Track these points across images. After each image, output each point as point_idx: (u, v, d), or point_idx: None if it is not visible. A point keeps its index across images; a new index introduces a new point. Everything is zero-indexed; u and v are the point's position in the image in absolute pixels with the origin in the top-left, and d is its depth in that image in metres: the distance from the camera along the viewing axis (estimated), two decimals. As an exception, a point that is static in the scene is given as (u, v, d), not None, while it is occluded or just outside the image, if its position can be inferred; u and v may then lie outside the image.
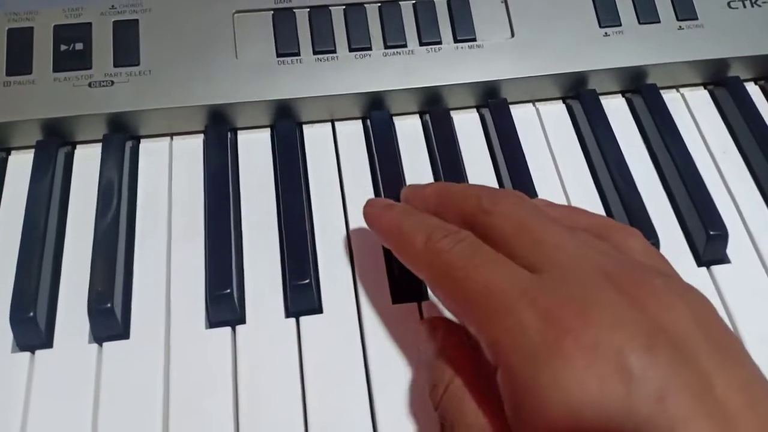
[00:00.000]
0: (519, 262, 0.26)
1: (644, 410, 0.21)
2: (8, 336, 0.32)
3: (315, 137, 0.40)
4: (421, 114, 0.42)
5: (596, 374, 0.21)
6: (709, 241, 0.36)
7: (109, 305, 0.32)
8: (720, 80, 0.44)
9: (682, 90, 0.44)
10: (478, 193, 0.30)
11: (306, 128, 0.41)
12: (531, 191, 0.37)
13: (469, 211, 0.29)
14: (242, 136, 0.40)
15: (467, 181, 0.38)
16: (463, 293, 0.26)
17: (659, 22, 0.43)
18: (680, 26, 0.43)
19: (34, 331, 0.32)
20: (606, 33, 0.42)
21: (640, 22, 0.43)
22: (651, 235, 0.36)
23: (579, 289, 0.24)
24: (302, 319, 0.33)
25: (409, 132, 0.41)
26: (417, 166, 0.39)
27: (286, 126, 0.40)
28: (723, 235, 0.36)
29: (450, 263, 0.27)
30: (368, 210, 0.34)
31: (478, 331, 0.25)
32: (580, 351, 0.22)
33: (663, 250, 0.36)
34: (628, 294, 0.24)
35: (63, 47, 0.38)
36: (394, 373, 0.32)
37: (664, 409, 0.21)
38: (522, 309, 0.24)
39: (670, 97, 0.43)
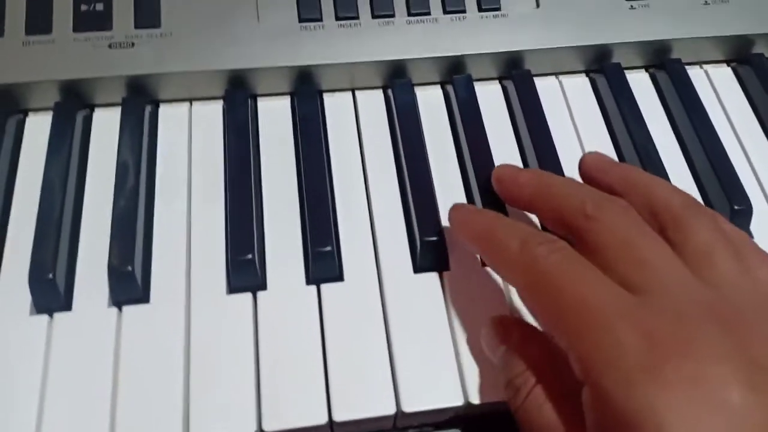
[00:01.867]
0: (616, 279, 0.25)
1: None
2: (27, 298, 0.32)
3: (335, 105, 0.40)
4: (443, 84, 0.41)
5: (696, 406, 0.21)
6: (733, 215, 0.36)
7: (129, 268, 0.31)
8: (744, 57, 0.43)
9: (705, 66, 0.44)
10: (582, 194, 0.28)
11: (326, 96, 0.40)
12: (555, 165, 0.37)
13: (569, 212, 0.28)
14: (262, 103, 0.40)
15: (490, 152, 0.37)
16: (558, 304, 0.25)
17: (686, -4, 0.42)
18: (706, 1, 0.42)
19: (52, 293, 0.31)
20: (632, 6, 0.41)
21: (666, -4, 0.42)
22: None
23: (682, 318, 0.23)
24: (323, 286, 0.33)
25: (431, 102, 0.40)
26: (438, 136, 0.39)
27: (307, 93, 0.39)
28: (747, 210, 0.36)
29: (547, 272, 0.26)
30: (455, 215, 0.32)
31: (570, 345, 0.25)
32: (680, 380, 0.21)
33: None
34: (732, 333, 0.23)
35: (83, 7, 0.37)
36: (415, 341, 0.31)
37: None
38: (621, 328, 0.23)
39: (693, 73, 0.42)
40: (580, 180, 0.33)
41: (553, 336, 0.27)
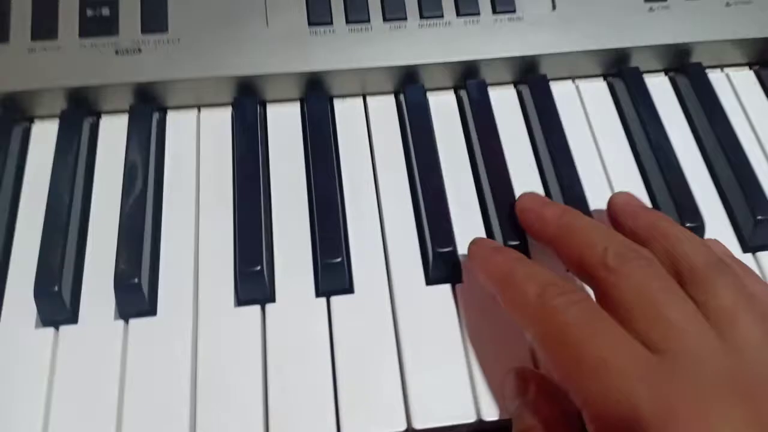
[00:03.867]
0: (636, 335, 0.25)
1: None
2: (32, 311, 0.31)
3: (346, 112, 0.39)
4: (456, 89, 0.40)
5: None
6: (756, 225, 0.35)
7: (136, 280, 0.31)
8: (766, 60, 0.42)
9: (726, 70, 0.43)
10: (605, 242, 0.28)
11: (337, 102, 0.39)
12: (571, 172, 0.36)
13: (590, 261, 0.27)
14: (271, 110, 0.39)
15: (505, 160, 0.36)
16: (574, 361, 0.25)
17: (706, -3, 0.41)
18: (728, 3, 0.41)
19: (58, 305, 0.31)
20: (651, 8, 0.40)
21: (686, -3, 0.41)
22: (696, 219, 0.34)
23: (702, 387, 0.23)
24: (333, 298, 0.32)
25: (444, 108, 0.39)
26: (451, 142, 0.38)
27: (317, 99, 0.38)
28: (771, 220, 0.35)
29: (564, 325, 0.25)
30: (475, 250, 0.31)
31: (585, 403, 0.24)
32: None
33: (708, 235, 0.35)
34: (751, 404, 0.22)
35: (90, 12, 0.36)
36: (427, 355, 0.31)
37: None
38: (639, 395, 0.23)
39: (714, 77, 0.41)
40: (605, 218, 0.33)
41: (565, 389, 0.26)
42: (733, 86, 0.42)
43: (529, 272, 0.28)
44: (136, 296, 0.31)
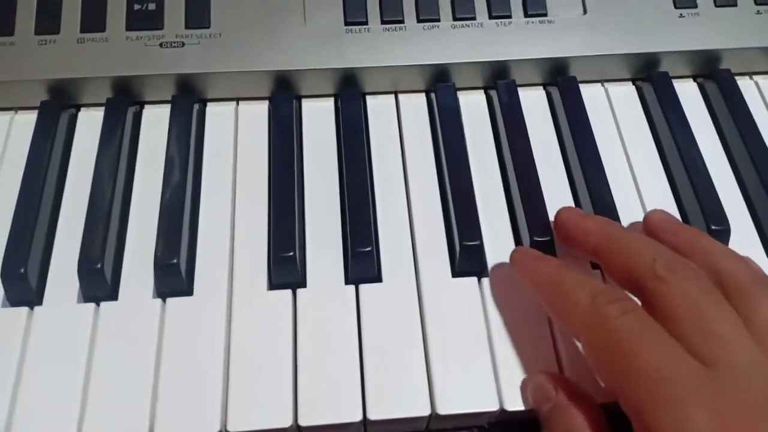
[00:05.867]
0: (685, 346, 0.25)
1: None
2: (75, 286, 0.33)
3: (378, 108, 0.40)
4: (486, 89, 0.41)
5: None
6: (782, 232, 0.35)
7: (175, 261, 0.32)
8: (796, 69, 0.42)
9: (756, 77, 0.43)
10: (653, 253, 0.28)
11: (369, 99, 0.40)
12: (600, 174, 0.36)
13: (638, 271, 0.28)
14: (306, 104, 0.40)
15: (533, 159, 0.37)
16: (627, 370, 0.25)
17: (736, 5, 0.42)
18: (758, 11, 0.42)
19: (100, 282, 0.32)
20: (681, 14, 0.41)
21: (716, 5, 0.41)
22: (722, 223, 0.35)
23: (753, 399, 0.23)
24: (362, 286, 0.33)
25: (473, 107, 0.40)
26: (480, 140, 0.39)
27: (351, 95, 0.39)
28: (798, 227, 0.35)
29: (617, 333, 0.26)
30: (519, 258, 0.32)
31: (636, 411, 0.25)
32: None
33: (732, 240, 0.35)
34: None
35: (136, 6, 0.38)
36: (452, 344, 0.31)
37: None
38: (693, 405, 0.23)
39: (743, 84, 0.42)
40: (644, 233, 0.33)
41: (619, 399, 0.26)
42: (762, 94, 0.42)
43: (579, 279, 0.28)
44: (174, 276, 0.32)
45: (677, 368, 0.24)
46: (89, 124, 0.38)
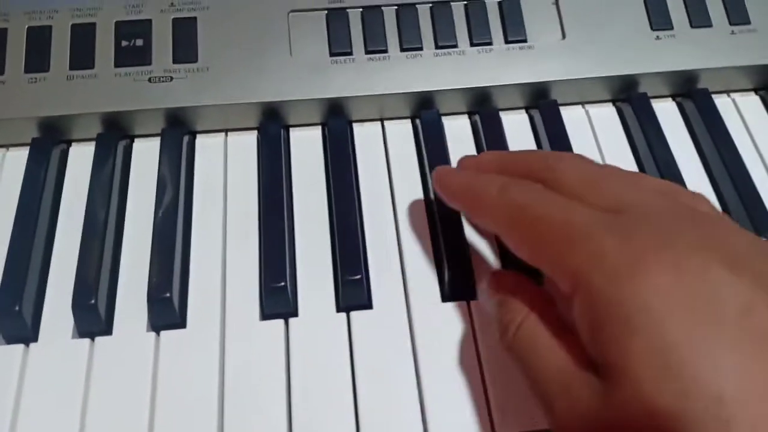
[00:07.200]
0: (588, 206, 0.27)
1: (730, 325, 0.21)
2: (70, 321, 0.33)
3: (365, 135, 0.41)
4: (470, 114, 0.42)
5: (680, 290, 0.22)
6: (761, 247, 0.36)
7: (168, 294, 0.33)
8: (773, 86, 0.44)
9: (733, 95, 0.44)
10: (541, 154, 0.32)
11: (356, 126, 0.41)
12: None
13: (535, 169, 0.30)
14: (294, 134, 0.41)
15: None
16: (539, 231, 0.27)
17: (711, 26, 0.43)
18: (733, 30, 0.43)
19: (94, 317, 0.33)
20: (658, 36, 0.42)
21: (692, 26, 0.42)
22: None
23: (656, 221, 0.25)
24: (353, 313, 0.34)
25: (458, 132, 0.41)
26: (465, 165, 0.40)
27: (338, 124, 0.40)
28: (776, 242, 0.36)
29: (527, 205, 0.28)
30: (437, 175, 0.34)
31: (555, 264, 0.26)
32: (662, 268, 0.23)
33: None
34: (705, 229, 0.25)
35: (124, 42, 0.39)
36: (444, 370, 0.32)
37: (750, 324, 0.21)
38: (602, 234, 0.25)
39: (721, 102, 0.43)
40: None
41: (536, 265, 0.28)
42: (739, 111, 0.43)
43: (487, 178, 0.31)
44: (168, 309, 0.33)
45: (583, 215, 0.26)
46: (80, 159, 0.39)
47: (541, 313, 0.28)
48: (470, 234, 0.36)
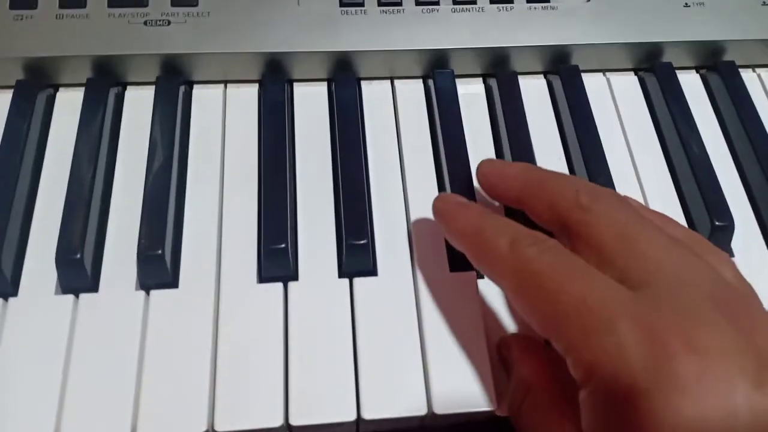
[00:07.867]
0: (614, 274, 0.24)
1: None
2: (52, 277, 0.31)
3: (373, 94, 0.39)
4: (484, 78, 0.40)
5: (701, 407, 0.20)
6: (784, 226, 0.34)
7: (159, 251, 0.30)
8: (800, 62, 0.42)
9: (759, 70, 0.42)
10: (574, 186, 0.27)
11: (364, 84, 0.39)
12: (602, 165, 0.35)
13: (563, 204, 0.27)
14: (298, 89, 0.38)
15: (532, 149, 0.36)
16: (554, 306, 0.24)
17: (742, -4, 0.41)
18: (764, 2, 0.41)
19: (79, 273, 0.31)
20: (686, 3, 0.40)
21: (722, -5, 0.40)
22: (726, 218, 0.34)
23: (684, 311, 0.22)
24: (356, 280, 0.32)
25: (472, 95, 0.39)
26: (478, 129, 0.38)
27: (345, 81, 0.38)
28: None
29: (540, 272, 0.25)
30: (440, 206, 0.31)
31: (569, 348, 0.23)
32: (685, 380, 0.21)
33: (736, 233, 0.34)
34: (734, 321, 0.22)
35: (119, -19, 0.36)
36: (449, 340, 0.30)
37: None
38: (624, 328, 0.22)
39: (746, 77, 0.41)
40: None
41: (547, 338, 0.25)
42: (764, 87, 0.41)
43: (498, 226, 0.27)
44: (159, 267, 0.31)
45: (602, 294, 0.23)
46: (68, 105, 0.36)
47: (545, 385, 0.27)
48: (481, 204, 0.34)
